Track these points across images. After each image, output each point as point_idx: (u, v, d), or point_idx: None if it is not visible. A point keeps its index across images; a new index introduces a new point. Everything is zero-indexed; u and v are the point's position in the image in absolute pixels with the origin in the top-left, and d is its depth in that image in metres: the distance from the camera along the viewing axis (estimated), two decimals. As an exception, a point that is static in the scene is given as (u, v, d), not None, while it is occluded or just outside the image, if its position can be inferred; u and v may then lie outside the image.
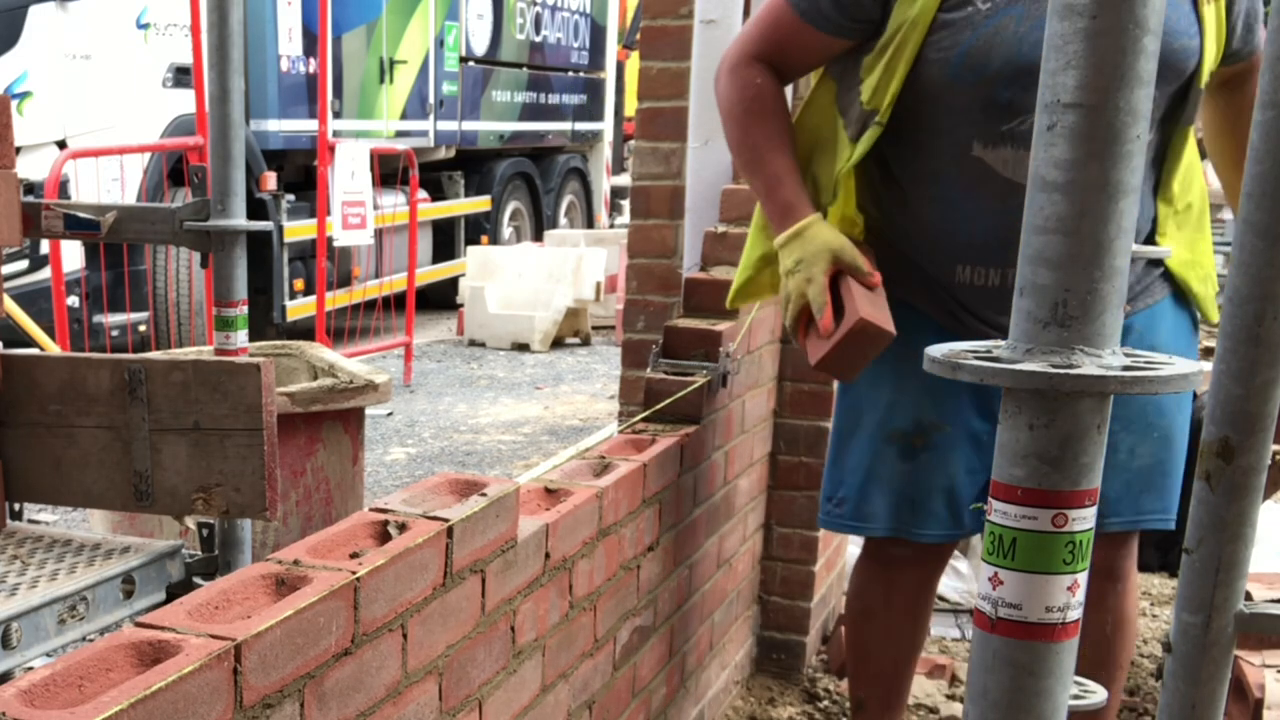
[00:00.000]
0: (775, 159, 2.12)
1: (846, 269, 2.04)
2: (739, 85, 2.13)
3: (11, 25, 6.60)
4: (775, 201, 2.11)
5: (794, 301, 2.08)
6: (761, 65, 2.11)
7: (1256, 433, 1.22)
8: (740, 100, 2.13)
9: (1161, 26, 0.96)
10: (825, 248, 2.04)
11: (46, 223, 2.48)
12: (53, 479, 2.18)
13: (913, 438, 2.16)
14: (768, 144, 2.12)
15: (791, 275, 2.08)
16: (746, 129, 2.14)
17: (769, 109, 2.12)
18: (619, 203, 14.35)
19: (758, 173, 2.15)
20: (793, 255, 2.07)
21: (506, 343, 8.79)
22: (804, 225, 2.06)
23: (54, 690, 1.04)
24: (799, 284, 2.06)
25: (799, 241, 2.06)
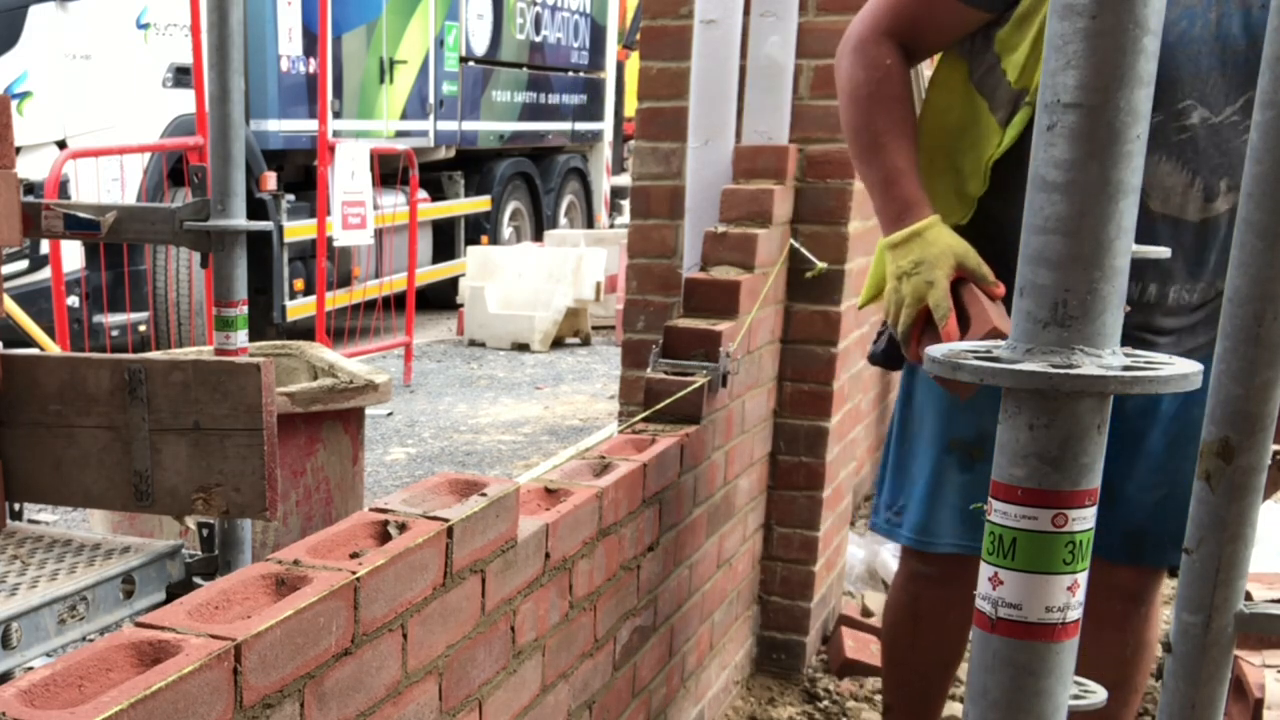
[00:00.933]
0: (896, 151, 1.98)
1: (970, 276, 1.91)
2: (866, 64, 1.98)
3: (11, 25, 6.60)
4: (892, 197, 1.97)
5: (909, 306, 1.94)
6: (891, 43, 1.97)
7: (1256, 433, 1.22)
8: (866, 82, 1.98)
9: (1161, 26, 0.96)
10: (949, 251, 1.90)
11: (46, 223, 2.48)
12: (53, 479, 2.18)
13: (973, 448, 2.09)
14: (890, 133, 1.98)
15: (908, 278, 1.94)
16: (870, 114, 1.99)
17: (895, 94, 1.98)
18: (619, 203, 14.35)
19: (874, 163, 2.00)
20: (910, 256, 1.93)
21: (506, 343, 8.79)
22: (925, 226, 1.93)
23: (54, 690, 1.04)
24: (918, 287, 1.92)
25: (919, 243, 1.92)
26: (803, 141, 2.96)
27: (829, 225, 2.96)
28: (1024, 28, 1.87)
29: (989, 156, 1.93)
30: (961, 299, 1.91)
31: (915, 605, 2.31)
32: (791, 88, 2.93)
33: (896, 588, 2.38)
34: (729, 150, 2.93)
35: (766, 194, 2.81)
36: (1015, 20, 1.87)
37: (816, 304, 3.00)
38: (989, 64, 1.93)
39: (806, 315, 3.02)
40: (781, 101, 2.93)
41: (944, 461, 2.14)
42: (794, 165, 2.95)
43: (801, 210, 2.97)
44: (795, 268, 2.96)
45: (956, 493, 2.14)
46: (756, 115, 2.94)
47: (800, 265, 2.95)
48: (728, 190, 2.84)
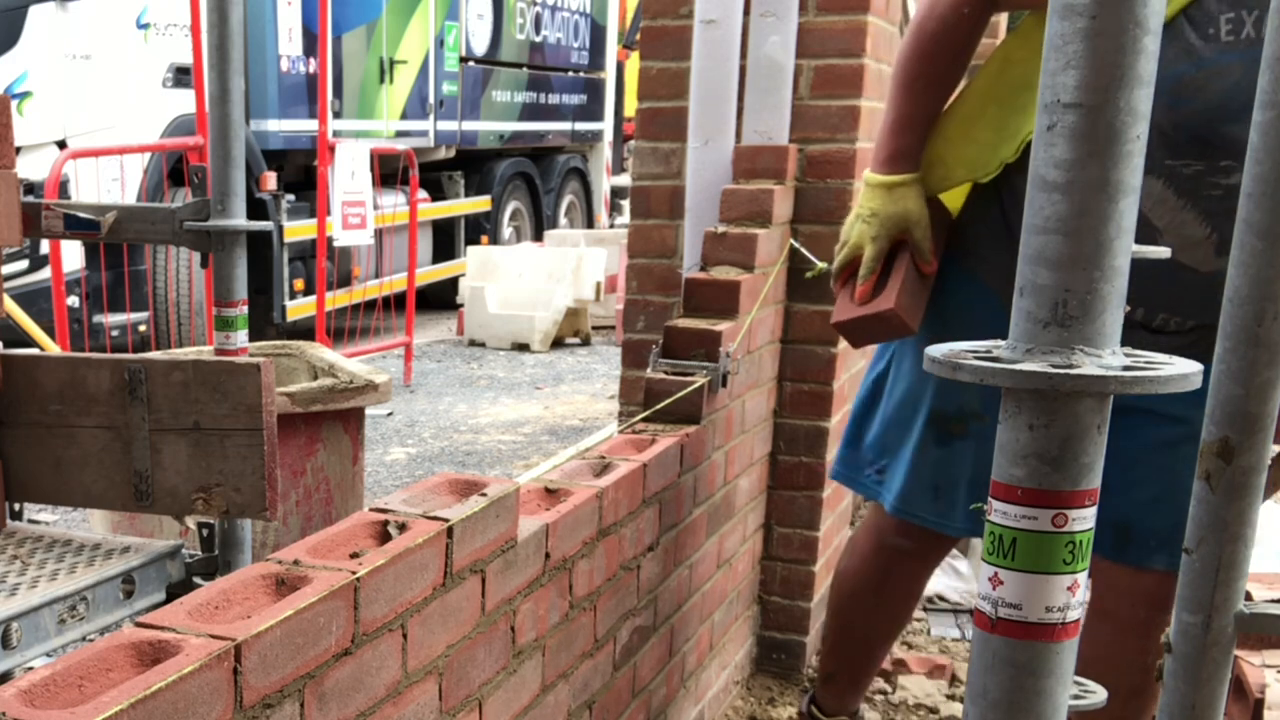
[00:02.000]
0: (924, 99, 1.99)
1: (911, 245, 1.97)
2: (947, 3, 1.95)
3: (11, 25, 6.60)
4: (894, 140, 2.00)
5: (849, 248, 2.01)
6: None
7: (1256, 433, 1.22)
8: (938, 19, 1.96)
9: (1161, 26, 0.96)
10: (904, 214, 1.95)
11: (46, 223, 2.48)
12: (53, 479, 2.18)
13: (953, 424, 2.11)
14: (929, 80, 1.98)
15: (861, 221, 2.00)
16: (923, 53, 1.98)
17: (956, 44, 1.96)
18: (619, 203, 14.35)
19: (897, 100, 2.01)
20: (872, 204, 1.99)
21: (506, 343, 8.79)
22: (899, 181, 1.97)
23: (54, 690, 1.04)
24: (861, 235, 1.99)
25: (885, 194, 1.98)
26: (803, 141, 2.96)
27: (829, 225, 2.96)
28: None
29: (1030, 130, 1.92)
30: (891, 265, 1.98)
31: (884, 577, 2.33)
32: (791, 88, 2.93)
33: (862, 556, 2.38)
34: (729, 150, 2.93)
35: (766, 194, 2.81)
36: None
37: (816, 304, 3.00)
38: None
39: (806, 315, 3.02)
40: (781, 101, 2.93)
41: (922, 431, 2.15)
42: (794, 165, 2.95)
43: (801, 210, 2.97)
44: (795, 268, 2.96)
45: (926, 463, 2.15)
46: (756, 115, 2.94)
47: (800, 265, 2.95)
48: (728, 190, 2.84)
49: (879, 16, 2.98)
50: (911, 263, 1.99)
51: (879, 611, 2.36)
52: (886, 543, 2.31)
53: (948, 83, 2.00)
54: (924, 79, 1.99)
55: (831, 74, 2.93)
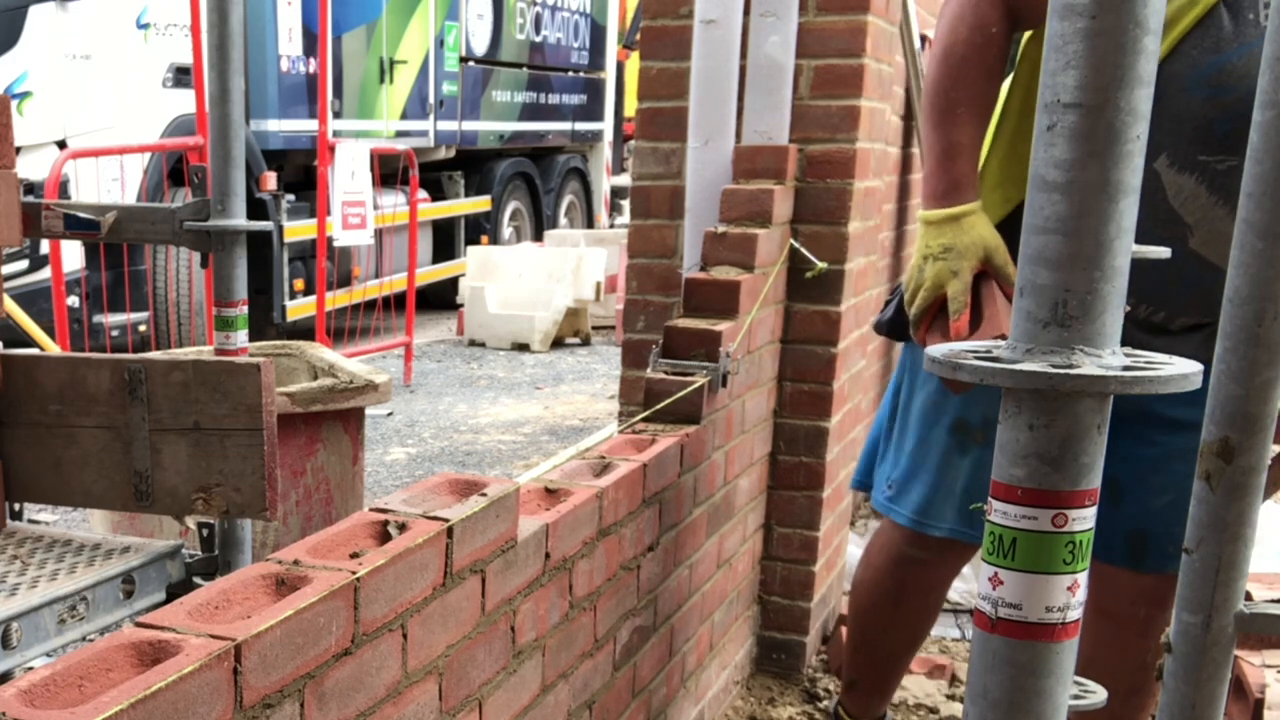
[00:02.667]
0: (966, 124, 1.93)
1: (995, 272, 1.89)
2: (972, 24, 1.91)
3: (11, 25, 6.60)
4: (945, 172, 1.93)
5: (928, 289, 1.92)
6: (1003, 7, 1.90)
7: (1256, 433, 1.22)
8: (966, 43, 1.92)
9: (1161, 26, 0.96)
10: (980, 242, 1.88)
11: (46, 223, 2.48)
12: (53, 479, 2.18)
13: (976, 433, 2.07)
14: (967, 105, 1.93)
15: (934, 260, 1.92)
16: (956, 79, 1.94)
17: (987, 66, 1.92)
18: (619, 203, 14.35)
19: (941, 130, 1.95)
20: (942, 239, 1.91)
21: (506, 343, 8.79)
22: (965, 211, 1.91)
23: (54, 690, 1.04)
24: (941, 272, 1.90)
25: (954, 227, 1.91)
26: (803, 141, 2.96)
27: (829, 225, 2.96)
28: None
29: None
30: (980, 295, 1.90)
31: (900, 589, 2.31)
32: (791, 88, 2.93)
33: (877, 569, 2.37)
34: (729, 150, 2.93)
35: (766, 194, 2.81)
36: None
37: (816, 304, 3.00)
38: None
39: (806, 315, 3.02)
40: (781, 101, 2.93)
41: (945, 443, 2.13)
42: (794, 165, 2.95)
43: (801, 210, 2.97)
44: (795, 268, 2.96)
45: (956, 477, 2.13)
46: (756, 115, 2.94)
47: (800, 265, 2.95)
48: (728, 190, 2.84)
49: (879, 16, 2.98)
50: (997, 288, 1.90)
51: (897, 623, 2.34)
52: (902, 554, 2.30)
53: (987, 104, 1.96)
54: (964, 104, 1.94)
55: (831, 74, 2.93)
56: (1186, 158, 1.81)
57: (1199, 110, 1.77)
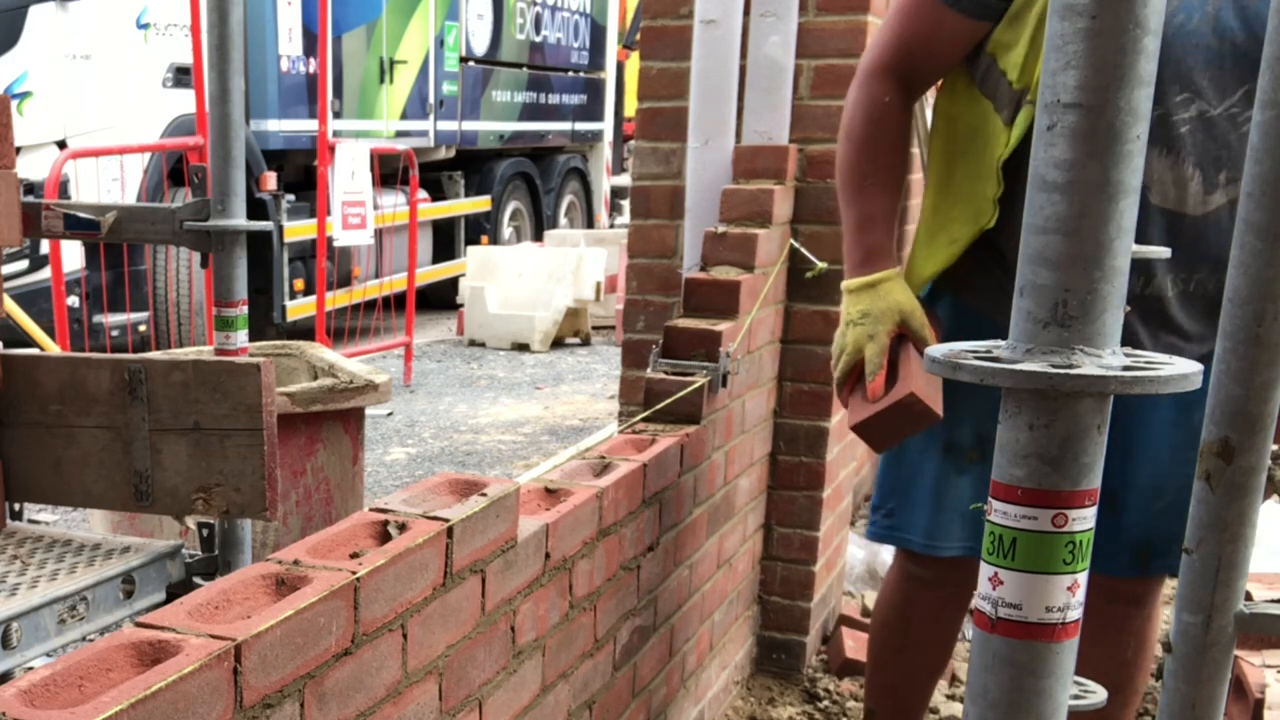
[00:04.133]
0: (877, 196, 2.01)
1: (911, 335, 1.96)
2: (865, 102, 2.01)
3: (11, 25, 6.60)
4: (860, 242, 2.01)
5: (848, 355, 2.00)
6: (894, 79, 1.99)
7: (1256, 433, 1.22)
8: (863, 120, 2.01)
9: (1161, 26, 0.96)
10: (896, 308, 1.96)
11: (46, 223, 2.48)
12: (53, 479, 2.18)
13: (969, 451, 2.09)
14: (876, 177, 2.01)
15: (853, 326, 1.99)
16: (860, 152, 2.02)
17: (888, 138, 2.01)
18: (619, 203, 14.35)
19: (854, 204, 2.03)
20: (860, 306, 1.99)
21: (506, 343, 8.79)
22: (881, 278, 1.98)
23: (54, 690, 1.04)
24: (858, 337, 1.98)
25: (870, 294, 1.98)
26: (803, 141, 2.96)
27: (829, 225, 2.96)
28: (1017, 26, 1.86)
29: (998, 156, 1.93)
30: (897, 357, 1.97)
31: (909, 609, 2.30)
32: (791, 88, 2.93)
33: (889, 589, 2.37)
34: (729, 150, 2.93)
35: (766, 194, 2.81)
36: (1008, 19, 1.86)
37: (816, 304, 3.00)
38: (986, 65, 1.93)
39: (806, 315, 3.02)
40: (781, 101, 2.93)
41: (940, 463, 2.14)
42: (794, 165, 2.95)
43: (801, 210, 2.97)
44: (795, 268, 2.96)
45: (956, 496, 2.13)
46: (756, 115, 2.94)
47: (800, 265, 2.95)
48: (728, 190, 2.84)
49: (879, 16, 2.98)
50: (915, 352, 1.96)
51: (910, 645, 2.32)
52: (908, 573, 2.29)
53: (894, 173, 2.03)
54: (870, 176, 2.01)
55: (831, 74, 2.93)
56: None
57: None
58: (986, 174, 1.96)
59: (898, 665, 2.36)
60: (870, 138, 2.01)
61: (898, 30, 1.98)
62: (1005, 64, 1.89)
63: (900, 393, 1.92)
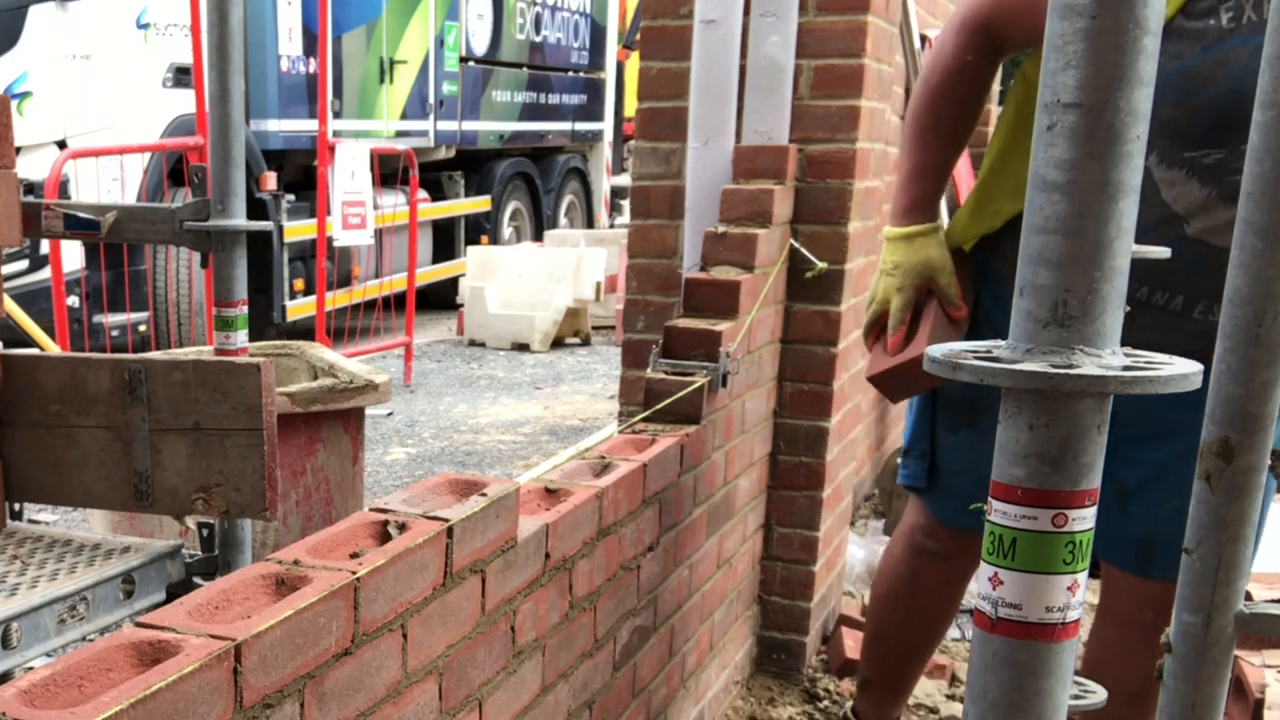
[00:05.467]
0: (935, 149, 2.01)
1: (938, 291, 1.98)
2: (948, 54, 1.98)
3: (11, 25, 6.60)
4: (909, 191, 2.02)
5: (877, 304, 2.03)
6: (983, 38, 1.96)
7: (1256, 433, 1.22)
8: (942, 71, 1.99)
9: (1161, 26, 0.96)
10: (926, 263, 1.97)
11: (46, 223, 2.48)
12: (53, 479, 2.18)
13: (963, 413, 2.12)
14: (937, 130, 2.01)
15: (885, 275, 2.02)
16: (929, 104, 2.01)
17: (962, 93, 1.99)
18: (619, 203, 14.35)
19: (912, 152, 2.03)
20: (894, 256, 2.01)
21: (506, 343, 8.79)
22: (919, 230, 1.99)
23: (54, 690, 1.04)
24: (887, 288, 2.01)
25: (907, 246, 2.00)
26: (803, 141, 2.96)
27: (829, 225, 2.96)
28: None
29: None
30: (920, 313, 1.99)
31: (915, 581, 2.32)
32: (791, 88, 2.93)
33: (894, 561, 2.37)
34: (729, 150, 2.93)
35: (766, 194, 2.81)
36: None
37: (816, 304, 3.00)
38: None
39: (806, 315, 3.02)
40: (781, 101, 2.93)
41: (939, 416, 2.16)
42: (794, 165, 2.95)
43: (801, 210, 2.97)
44: (795, 268, 2.96)
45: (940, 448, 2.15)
46: (756, 115, 2.94)
47: (800, 265, 2.95)
48: (728, 190, 2.84)
49: (879, 16, 2.98)
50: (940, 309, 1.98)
51: (912, 616, 2.34)
52: (918, 544, 2.30)
53: (959, 132, 2.02)
54: (934, 130, 2.01)
55: (831, 74, 2.93)
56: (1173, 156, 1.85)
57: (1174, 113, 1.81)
58: None
59: (899, 634, 2.37)
60: (943, 91, 1.99)
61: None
62: None
63: (914, 350, 1.95)
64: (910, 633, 2.37)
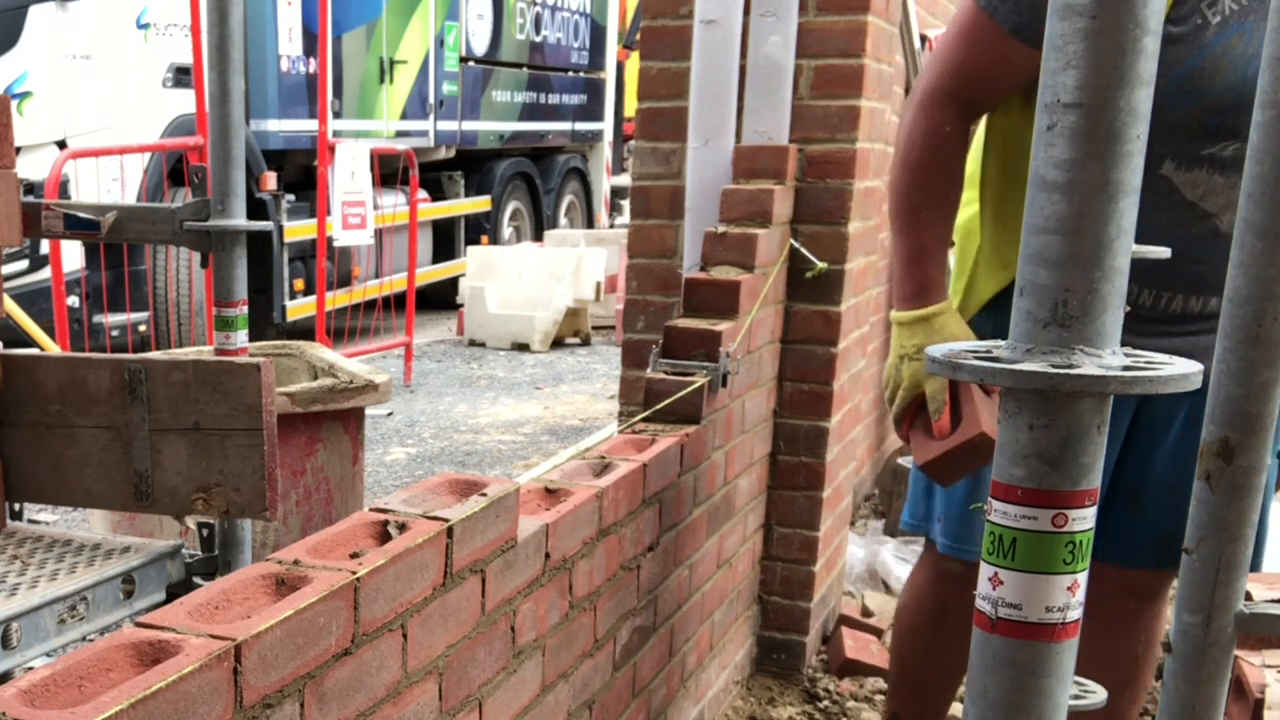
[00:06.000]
0: (931, 226, 1.99)
1: None
2: (925, 129, 1.96)
3: (11, 25, 6.60)
4: (914, 274, 1.99)
5: (905, 390, 1.99)
6: (955, 106, 1.95)
7: (1256, 433, 1.22)
8: (923, 146, 1.97)
9: (1161, 26, 0.96)
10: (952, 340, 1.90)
11: (46, 223, 2.48)
12: (53, 479, 2.18)
13: None
14: (931, 206, 1.98)
15: (909, 360, 1.98)
16: (917, 182, 1.99)
17: (946, 165, 1.98)
18: (619, 203, 14.35)
19: (906, 234, 2.01)
20: (915, 339, 1.97)
21: (506, 343, 8.79)
22: (935, 311, 1.97)
23: (54, 690, 1.04)
24: (916, 372, 1.96)
25: (925, 327, 1.97)
26: (803, 141, 2.96)
27: (829, 225, 2.96)
28: None
29: None
30: (957, 392, 1.95)
31: (942, 609, 2.29)
32: (791, 88, 2.93)
33: (917, 592, 2.34)
34: (729, 150, 2.93)
35: (766, 194, 2.81)
36: None
37: (816, 304, 3.00)
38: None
39: (806, 315, 3.02)
40: (781, 101, 2.93)
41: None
42: (794, 165, 2.95)
43: (801, 210, 2.97)
44: (795, 268, 2.96)
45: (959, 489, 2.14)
46: (756, 115, 2.94)
47: (800, 265, 2.95)
48: (728, 190, 2.84)
49: (879, 16, 2.98)
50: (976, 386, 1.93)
51: (940, 645, 2.31)
52: (943, 571, 2.28)
53: (950, 203, 2.00)
54: (927, 207, 1.98)
55: (831, 74, 2.93)
56: (1190, 156, 1.85)
57: (1184, 118, 1.81)
58: None
59: (926, 666, 2.35)
60: (929, 166, 1.98)
61: (960, 59, 1.93)
62: None
63: (970, 431, 1.91)
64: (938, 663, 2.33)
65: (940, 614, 2.30)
